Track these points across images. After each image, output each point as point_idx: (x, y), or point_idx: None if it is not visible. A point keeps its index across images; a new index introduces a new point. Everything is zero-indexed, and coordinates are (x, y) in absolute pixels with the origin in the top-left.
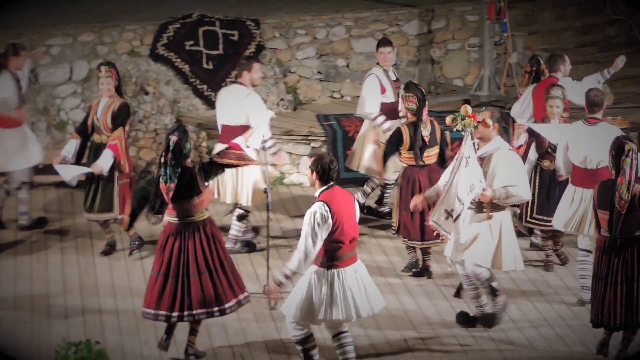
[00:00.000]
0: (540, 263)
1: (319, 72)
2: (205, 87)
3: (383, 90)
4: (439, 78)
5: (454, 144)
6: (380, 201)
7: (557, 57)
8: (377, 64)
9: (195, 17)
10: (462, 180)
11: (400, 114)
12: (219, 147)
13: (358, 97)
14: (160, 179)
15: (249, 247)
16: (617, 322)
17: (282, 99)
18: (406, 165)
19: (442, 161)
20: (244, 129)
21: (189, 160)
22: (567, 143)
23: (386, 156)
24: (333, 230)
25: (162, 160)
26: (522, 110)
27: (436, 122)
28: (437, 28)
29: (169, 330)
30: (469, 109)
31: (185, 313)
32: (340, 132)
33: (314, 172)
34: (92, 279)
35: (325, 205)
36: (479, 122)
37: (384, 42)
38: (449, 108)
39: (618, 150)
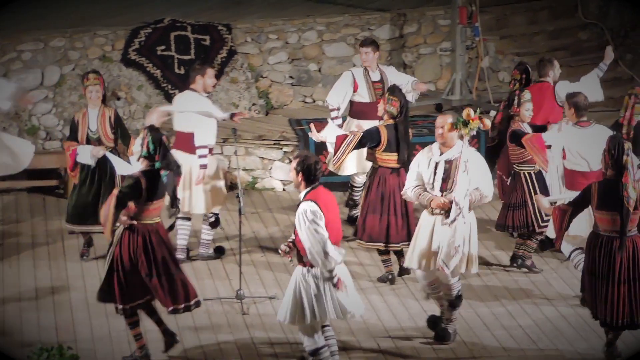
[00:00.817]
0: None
1: (290, 77)
2: (177, 92)
3: (355, 88)
4: None
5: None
6: (354, 205)
7: (546, 62)
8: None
9: (166, 22)
10: (460, 185)
11: (379, 114)
12: (176, 154)
13: None
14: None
15: (219, 252)
16: (621, 321)
17: (254, 104)
18: (376, 167)
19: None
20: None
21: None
22: (564, 149)
23: (358, 146)
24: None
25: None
26: None
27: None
28: (409, 32)
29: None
30: (471, 112)
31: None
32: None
33: (299, 173)
34: (64, 283)
35: (316, 205)
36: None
37: (364, 42)
38: (420, 112)
39: (619, 149)
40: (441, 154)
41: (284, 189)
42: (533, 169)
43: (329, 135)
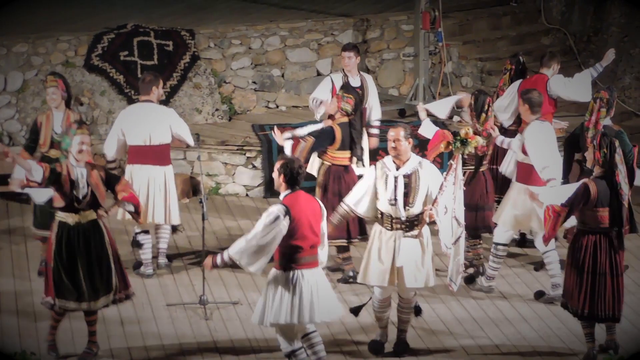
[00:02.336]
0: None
1: (254, 82)
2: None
3: (334, 94)
4: None
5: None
6: None
7: (554, 55)
8: (342, 69)
9: (129, 27)
10: (441, 201)
11: (332, 112)
12: (133, 168)
13: (293, 107)
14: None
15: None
16: (609, 314)
17: (217, 109)
18: (329, 165)
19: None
20: (166, 147)
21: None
22: (524, 144)
23: (312, 150)
24: (291, 235)
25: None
26: (505, 105)
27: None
28: (372, 38)
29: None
30: (470, 131)
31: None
32: (276, 142)
33: (282, 175)
34: (27, 288)
35: (284, 208)
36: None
37: (347, 46)
38: (384, 117)
39: (611, 147)
40: (398, 168)
41: (247, 195)
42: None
43: (286, 144)
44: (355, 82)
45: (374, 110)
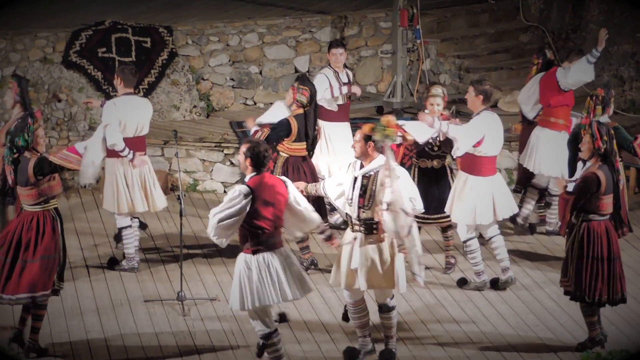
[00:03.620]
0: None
1: (231, 79)
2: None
3: (332, 91)
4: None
5: None
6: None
7: (582, 51)
8: (329, 65)
9: (107, 24)
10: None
11: (287, 103)
12: (114, 161)
13: (271, 103)
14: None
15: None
16: (619, 296)
17: (195, 106)
18: (287, 156)
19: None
20: (145, 137)
21: (30, 151)
22: (485, 136)
23: (268, 141)
24: (257, 216)
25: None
26: (528, 96)
27: None
28: (350, 35)
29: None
30: (391, 119)
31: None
32: None
33: (248, 158)
34: None
35: (248, 188)
36: (400, 135)
37: (336, 43)
38: (362, 115)
39: (610, 136)
40: (361, 167)
41: (225, 191)
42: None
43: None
44: (344, 77)
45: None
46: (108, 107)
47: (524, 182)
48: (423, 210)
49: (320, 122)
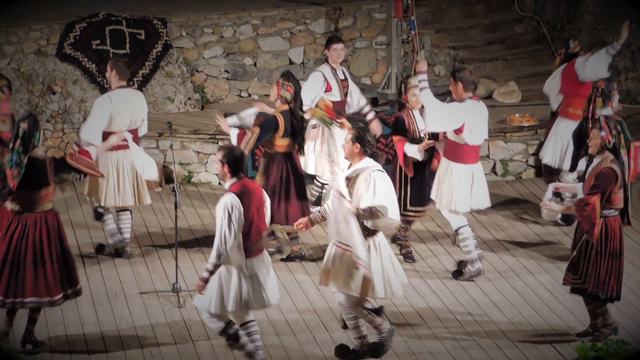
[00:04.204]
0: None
1: (226, 71)
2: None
3: (329, 89)
4: None
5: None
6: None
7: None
8: (326, 61)
9: (101, 16)
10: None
11: (271, 99)
12: (108, 155)
13: (266, 95)
14: (6, 165)
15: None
16: (616, 294)
17: (189, 98)
18: (273, 153)
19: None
20: (136, 131)
21: (36, 150)
22: (465, 124)
23: (259, 141)
24: (242, 222)
25: (11, 146)
26: (551, 86)
27: None
28: (345, 26)
29: (10, 319)
30: (329, 104)
31: (17, 300)
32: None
33: (225, 165)
34: None
35: (236, 196)
36: (336, 120)
37: (336, 39)
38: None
39: (617, 130)
40: (349, 168)
41: (219, 183)
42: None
43: (232, 132)
44: (341, 74)
45: (361, 98)
46: (103, 101)
47: (548, 179)
48: (396, 221)
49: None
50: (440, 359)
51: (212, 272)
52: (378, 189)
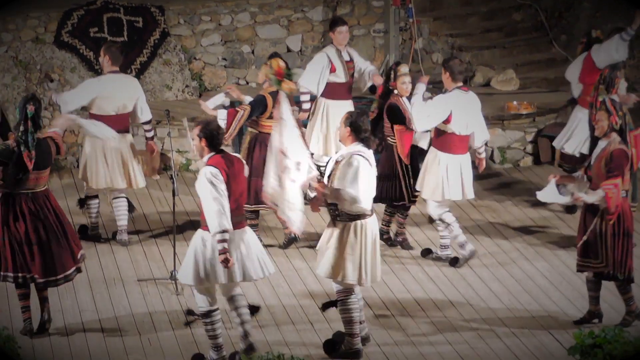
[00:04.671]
0: None
1: (224, 59)
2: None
3: (333, 69)
4: None
5: None
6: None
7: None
8: (331, 43)
9: (99, 3)
10: (291, 150)
11: (259, 81)
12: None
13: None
14: (22, 148)
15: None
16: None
17: (187, 86)
18: (257, 132)
19: None
20: (128, 116)
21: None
22: (452, 113)
23: (247, 120)
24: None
25: (22, 129)
26: (573, 74)
27: None
28: (342, 14)
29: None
30: (281, 64)
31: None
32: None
33: (202, 140)
34: None
35: (216, 169)
36: (282, 80)
37: (341, 21)
38: (354, 94)
39: (624, 112)
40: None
41: None
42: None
43: (219, 112)
44: (346, 55)
45: (372, 72)
46: (91, 81)
47: (570, 168)
48: (362, 207)
49: (323, 100)
50: (439, 348)
51: (224, 240)
52: (353, 174)
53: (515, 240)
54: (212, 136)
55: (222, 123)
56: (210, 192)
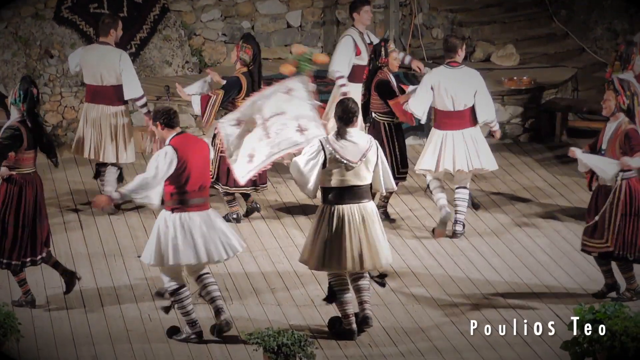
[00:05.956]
0: None
1: (224, 35)
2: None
3: (358, 52)
4: None
5: None
6: None
7: None
8: (353, 25)
9: None
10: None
11: (232, 61)
12: (89, 107)
13: (264, 59)
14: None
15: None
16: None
17: (187, 62)
18: None
19: None
20: (114, 89)
21: None
22: (432, 86)
23: (222, 104)
24: (179, 175)
25: (26, 109)
26: None
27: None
28: None
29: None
30: (302, 46)
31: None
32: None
33: (158, 123)
34: None
35: (172, 148)
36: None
37: (365, 0)
38: None
39: (632, 92)
40: None
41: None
42: (393, 120)
43: (193, 97)
44: (367, 37)
45: (411, 59)
46: (80, 49)
47: None
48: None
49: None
50: (438, 321)
51: (121, 195)
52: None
53: (515, 216)
54: (167, 117)
55: (197, 109)
56: (152, 165)
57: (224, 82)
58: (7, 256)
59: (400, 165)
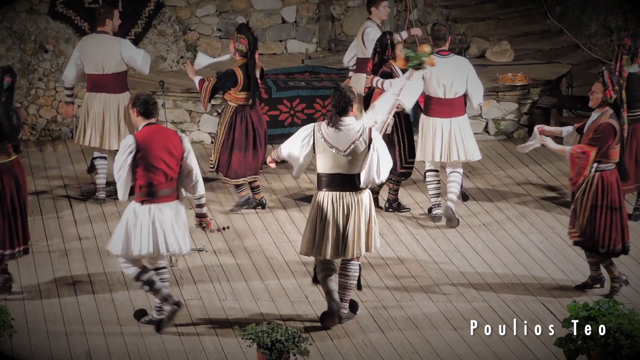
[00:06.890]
0: None
1: (219, 30)
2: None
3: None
4: (339, 35)
5: None
6: None
7: None
8: (368, 19)
9: None
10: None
11: (230, 54)
12: (90, 96)
13: (259, 54)
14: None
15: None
16: (629, 243)
17: (182, 57)
18: (236, 105)
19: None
20: (116, 77)
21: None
22: (423, 77)
23: (214, 91)
24: (145, 167)
25: (4, 100)
26: None
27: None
28: None
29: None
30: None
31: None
32: None
33: (134, 110)
34: None
35: (132, 137)
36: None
37: None
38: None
39: (620, 84)
40: None
41: (212, 142)
42: (401, 110)
43: (195, 79)
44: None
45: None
46: (77, 44)
47: None
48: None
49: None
50: (432, 317)
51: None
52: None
53: (509, 212)
54: (144, 105)
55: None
56: (117, 158)
57: (195, 78)
58: None
59: (407, 155)
